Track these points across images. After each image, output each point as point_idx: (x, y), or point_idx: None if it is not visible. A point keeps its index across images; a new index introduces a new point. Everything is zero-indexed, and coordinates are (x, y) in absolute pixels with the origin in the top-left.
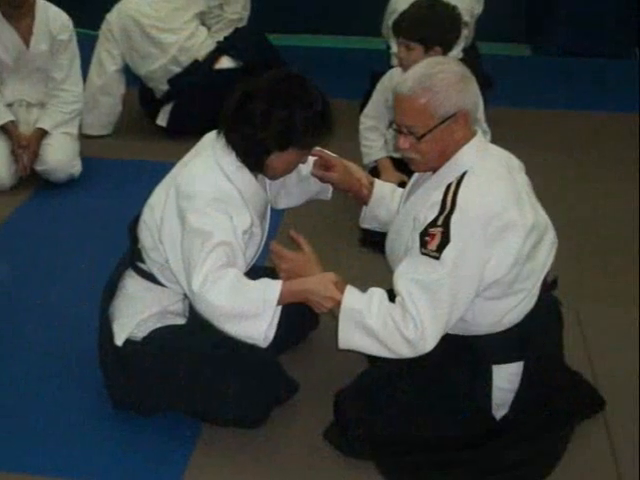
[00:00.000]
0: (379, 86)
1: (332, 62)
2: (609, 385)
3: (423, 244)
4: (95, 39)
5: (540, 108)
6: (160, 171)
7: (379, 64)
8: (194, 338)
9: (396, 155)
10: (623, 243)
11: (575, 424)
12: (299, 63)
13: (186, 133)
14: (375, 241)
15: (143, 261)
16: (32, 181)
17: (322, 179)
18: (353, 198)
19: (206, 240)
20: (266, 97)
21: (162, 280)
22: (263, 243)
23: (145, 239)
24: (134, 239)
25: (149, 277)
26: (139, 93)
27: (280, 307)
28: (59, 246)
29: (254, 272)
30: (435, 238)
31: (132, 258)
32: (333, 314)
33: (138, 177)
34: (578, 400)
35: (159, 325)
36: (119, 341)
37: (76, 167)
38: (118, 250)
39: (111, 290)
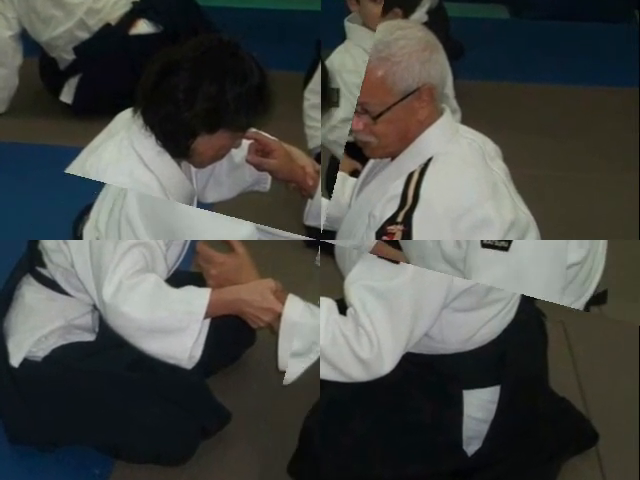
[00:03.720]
0: None
1: (271, 27)
2: (602, 414)
3: None
4: None
5: (520, 82)
6: (64, 157)
7: None
8: (105, 357)
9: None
10: None
11: (562, 461)
12: (231, 28)
13: (95, 112)
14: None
15: (44, 265)
16: None
17: (259, 167)
18: (296, 190)
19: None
20: (191, 69)
21: (66, 288)
22: (188, 244)
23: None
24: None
25: (51, 285)
26: (39, 64)
27: (208, 320)
28: None
29: (177, 278)
30: (394, 238)
31: (30, 262)
32: (272, 329)
33: (38, 164)
34: (565, 432)
35: (63, 342)
36: (15, 361)
37: None
38: (14, 252)
39: (6, 300)
